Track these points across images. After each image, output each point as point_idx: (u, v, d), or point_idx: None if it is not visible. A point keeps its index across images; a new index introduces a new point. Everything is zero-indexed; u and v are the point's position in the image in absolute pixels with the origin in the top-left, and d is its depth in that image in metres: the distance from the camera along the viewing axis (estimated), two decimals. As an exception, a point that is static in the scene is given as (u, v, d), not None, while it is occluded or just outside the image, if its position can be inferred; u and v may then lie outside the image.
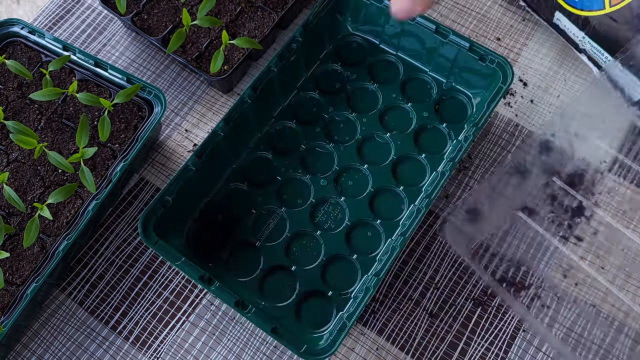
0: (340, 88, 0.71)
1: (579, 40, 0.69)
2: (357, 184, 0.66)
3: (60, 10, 0.79)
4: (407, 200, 0.65)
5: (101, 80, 0.68)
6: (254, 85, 0.64)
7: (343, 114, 0.69)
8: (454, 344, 0.62)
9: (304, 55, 0.68)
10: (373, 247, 0.63)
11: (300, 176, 0.66)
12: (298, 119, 0.69)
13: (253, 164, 0.67)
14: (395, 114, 0.69)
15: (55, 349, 0.62)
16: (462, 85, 0.70)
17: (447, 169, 0.61)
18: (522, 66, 0.74)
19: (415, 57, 0.71)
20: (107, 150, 0.65)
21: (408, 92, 0.71)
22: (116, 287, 0.65)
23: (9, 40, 0.70)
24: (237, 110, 0.63)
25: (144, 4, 0.72)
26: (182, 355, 0.62)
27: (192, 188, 0.62)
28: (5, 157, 0.64)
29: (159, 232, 0.59)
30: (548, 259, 0.65)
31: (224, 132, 0.62)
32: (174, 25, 0.71)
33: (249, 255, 0.63)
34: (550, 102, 0.72)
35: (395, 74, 0.72)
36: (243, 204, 0.65)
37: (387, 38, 0.72)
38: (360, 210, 0.64)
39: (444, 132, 0.68)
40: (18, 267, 0.60)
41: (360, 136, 0.68)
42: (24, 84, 0.68)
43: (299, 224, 0.64)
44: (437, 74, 0.71)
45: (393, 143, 0.68)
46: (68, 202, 0.62)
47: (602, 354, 0.61)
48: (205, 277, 0.56)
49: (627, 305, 0.63)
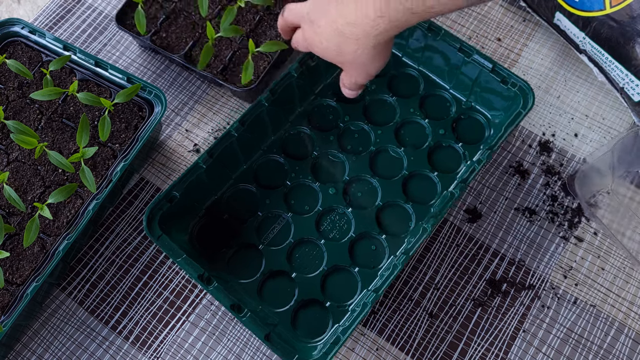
0: (359, 98, 0.70)
1: (579, 40, 0.69)
2: (366, 196, 0.65)
3: (60, 10, 0.79)
4: (415, 218, 0.63)
5: (101, 80, 0.68)
6: (273, 89, 0.63)
7: (358, 124, 0.68)
8: (454, 344, 0.62)
9: (324, 62, 0.66)
10: (376, 261, 0.62)
11: (310, 183, 0.66)
12: (313, 125, 0.68)
13: (264, 166, 0.66)
14: (411, 128, 0.68)
15: (55, 348, 0.62)
16: (482, 105, 0.68)
17: (458, 189, 0.60)
18: (523, 67, 0.74)
19: (437, 73, 0.70)
20: (108, 150, 0.65)
21: (426, 108, 0.69)
22: (116, 286, 0.65)
23: (10, 40, 0.70)
24: (253, 113, 0.62)
25: (161, 22, 0.71)
26: (182, 355, 0.62)
27: (200, 185, 0.62)
28: (6, 157, 0.64)
29: (163, 226, 0.58)
30: (548, 259, 0.65)
31: (238, 133, 0.62)
32: (195, 41, 0.70)
33: (251, 257, 0.62)
34: (551, 103, 0.72)
35: (415, 89, 0.70)
36: (250, 205, 0.65)
37: (410, 52, 0.70)
38: (366, 223, 0.63)
39: (459, 151, 0.67)
40: (18, 267, 0.60)
41: (373, 148, 0.67)
42: (24, 84, 0.68)
43: (304, 231, 0.63)
44: (457, 92, 0.69)
45: (406, 158, 0.66)
46: (68, 202, 0.62)
47: (602, 354, 0.61)
48: (205, 277, 0.56)
49: (627, 306, 0.63)
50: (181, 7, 0.72)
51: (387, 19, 0.48)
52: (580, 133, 0.71)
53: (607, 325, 0.62)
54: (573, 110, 0.72)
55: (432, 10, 0.47)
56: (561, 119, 0.71)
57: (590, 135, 0.71)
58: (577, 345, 0.61)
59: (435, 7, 0.46)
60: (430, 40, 0.67)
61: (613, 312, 0.63)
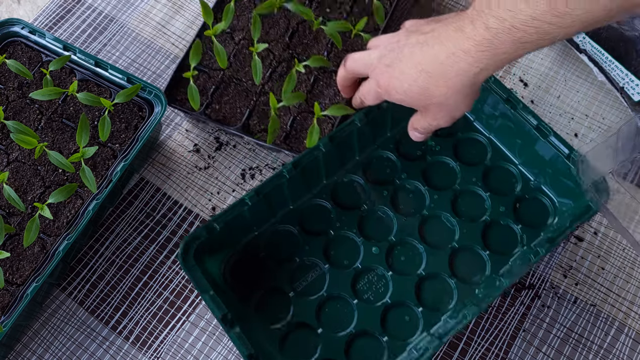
0: (420, 156, 0.65)
1: (579, 40, 0.69)
2: (409, 262, 0.60)
3: (60, 10, 0.79)
4: (456, 296, 0.58)
5: (101, 80, 0.68)
6: (333, 136, 0.59)
7: (415, 184, 0.64)
8: (454, 343, 0.62)
9: (391, 114, 0.62)
10: (407, 334, 0.57)
11: (354, 236, 0.62)
12: (368, 177, 0.64)
13: (310, 210, 0.63)
14: (470, 199, 0.63)
15: (56, 348, 0.62)
16: (551, 189, 0.62)
17: (507, 280, 0.54)
18: (523, 66, 0.74)
19: (508, 145, 0.64)
20: (108, 150, 0.65)
21: (490, 180, 0.64)
22: (116, 287, 0.65)
23: (10, 40, 0.70)
24: (308, 158, 0.59)
25: (212, 93, 0.68)
26: (182, 355, 0.62)
27: (242, 220, 0.59)
28: (6, 157, 0.64)
29: (197, 255, 0.56)
30: (548, 258, 0.65)
31: (290, 175, 0.58)
32: (250, 109, 0.67)
33: (279, 303, 0.59)
34: (551, 103, 0.72)
35: (481, 157, 0.65)
36: (289, 247, 0.61)
37: (483, 117, 0.65)
38: (405, 290, 0.59)
39: (516, 233, 0.61)
40: (18, 267, 0.60)
41: (426, 212, 0.62)
42: (24, 84, 0.68)
43: (339, 286, 0.59)
44: (526, 169, 0.64)
45: (459, 229, 0.61)
46: (68, 202, 0.62)
47: (603, 354, 0.61)
48: (228, 318, 0.53)
49: (627, 305, 0.63)
50: (230, 75, 0.69)
51: (491, 52, 0.43)
52: (580, 133, 0.71)
53: (608, 325, 0.62)
54: (573, 110, 0.72)
55: (547, 38, 0.41)
56: (561, 118, 0.71)
57: (590, 135, 0.71)
58: (577, 345, 0.61)
59: (551, 33, 0.41)
60: (506, 110, 0.61)
61: (613, 311, 0.63)
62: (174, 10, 0.79)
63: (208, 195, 0.69)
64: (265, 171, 0.70)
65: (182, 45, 0.77)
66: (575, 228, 0.56)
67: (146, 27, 0.78)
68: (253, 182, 0.69)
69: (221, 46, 0.66)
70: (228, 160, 0.71)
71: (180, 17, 0.79)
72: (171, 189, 0.69)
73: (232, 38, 0.70)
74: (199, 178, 0.70)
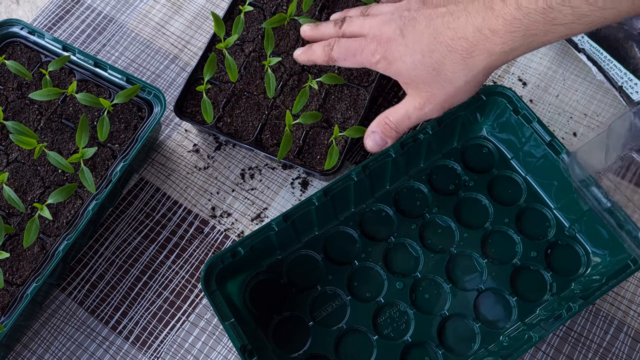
0: (453, 190, 0.64)
1: (577, 39, 0.69)
2: (434, 300, 0.59)
3: (59, 10, 0.79)
4: (479, 340, 0.57)
5: (101, 81, 0.68)
6: (366, 166, 0.59)
7: (446, 220, 0.62)
8: (453, 343, 0.62)
9: (426, 145, 0.61)
10: None
11: (379, 269, 0.61)
12: (398, 208, 0.63)
13: (336, 237, 0.62)
14: (501, 240, 0.62)
15: (56, 349, 0.62)
16: (586, 238, 0.61)
17: (537, 335, 0.52)
18: (522, 65, 0.75)
19: (545, 188, 0.63)
20: (107, 151, 0.65)
21: (523, 223, 0.62)
22: (116, 287, 0.65)
23: (9, 40, 0.70)
24: (339, 186, 0.58)
25: (223, 106, 0.67)
26: (182, 355, 0.62)
27: (267, 244, 0.59)
28: (5, 157, 0.65)
29: (219, 278, 0.56)
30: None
31: (319, 203, 0.58)
32: (262, 123, 0.66)
33: (297, 331, 0.58)
34: (550, 102, 0.72)
35: (516, 197, 0.63)
36: (311, 275, 0.61)
37: (521, 155, 0.63)
38: (426, 330, 0.58)
39: (546, 280, 0.60)
40: (18, 267, 0.60)
41: (455, 250, 0.61)
42: (23, 84, 0.68)
43: (359, 319, 0.59)
44: (562, 214, 0.62)
45: (487, 271, 0.60)
46: (68, 202, 0.62)
47: (602, 352, 0.61)
48: (247, 349, 0.52)
49: (626, 304, 0.63)
50: (242, 88, 0.68)
51: (520, 34, 0.39)
52: (579, 132, 0.71)
53: (607, 324, 0.62)
54: (572, 109, 0.72)
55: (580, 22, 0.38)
56: (560, 117, 0.72)
57: (589, 134, 0.71)
58: (576, 344, 0.62)
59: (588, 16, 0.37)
60: (547, 153, 0.60)
61: (612, 310, 0.63)
62: (173, 11, 0.79)
63: (208, 195, 0.69)
64: (264, 171, 0.70)
65: (181, 45, 0.77)
66: (611, 287, 0.54)
67: (145, 27, 0.78)
68: (253, 182, 0.69)
69: (233, 60, 0.65)
70: (227, 160, 0.71)
71: (179, 17, 0.79)
72: (171, 189, 0.69)
73: (242, 50, 0.70)
74: (199, 178, 0.70)
